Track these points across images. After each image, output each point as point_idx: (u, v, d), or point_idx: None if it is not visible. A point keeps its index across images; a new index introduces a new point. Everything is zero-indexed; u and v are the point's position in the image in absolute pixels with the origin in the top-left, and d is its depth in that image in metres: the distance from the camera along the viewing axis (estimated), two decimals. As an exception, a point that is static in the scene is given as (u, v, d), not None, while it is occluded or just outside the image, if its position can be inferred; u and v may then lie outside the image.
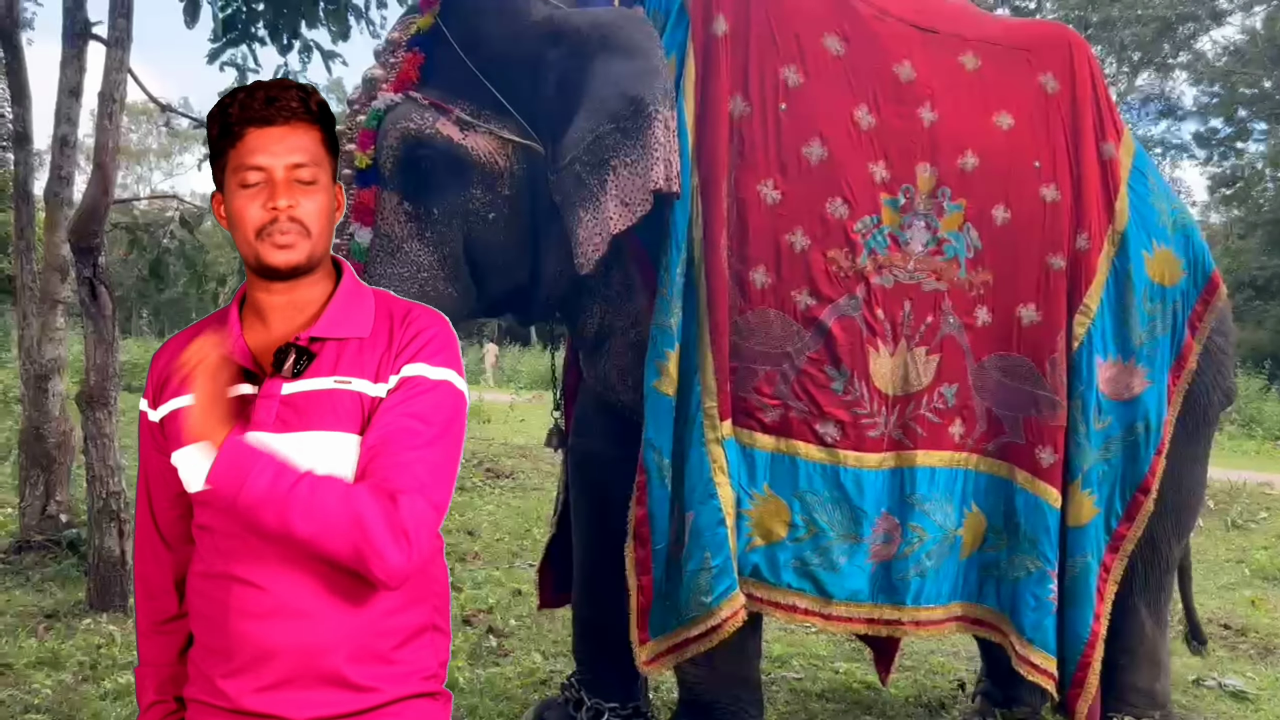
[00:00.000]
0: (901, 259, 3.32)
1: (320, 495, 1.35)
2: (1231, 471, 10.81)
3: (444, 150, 3.05)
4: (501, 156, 3.10)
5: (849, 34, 3.34)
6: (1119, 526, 3.55)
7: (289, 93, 1.44)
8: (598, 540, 3.70)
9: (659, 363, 3.11)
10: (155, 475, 1.58)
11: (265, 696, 1.42)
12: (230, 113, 1.43)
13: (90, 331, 4.99)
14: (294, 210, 1.42)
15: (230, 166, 1.44)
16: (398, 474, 1.39)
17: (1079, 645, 3.46)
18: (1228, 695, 4.79)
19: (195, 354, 1.37)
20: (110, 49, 4.97)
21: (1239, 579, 7.35)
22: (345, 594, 1.43)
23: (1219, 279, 3.75)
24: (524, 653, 4.82)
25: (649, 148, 2.92)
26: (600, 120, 3.00)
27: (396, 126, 3.04)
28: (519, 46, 3.14)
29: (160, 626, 1.61)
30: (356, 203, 3.02)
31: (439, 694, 1.54)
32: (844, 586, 3.25)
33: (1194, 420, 3.73)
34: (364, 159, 3.03)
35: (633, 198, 2.95)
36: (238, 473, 1.34)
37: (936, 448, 3.35)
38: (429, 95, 3.08)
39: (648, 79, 2.98)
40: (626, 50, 3.05)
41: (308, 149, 1.44)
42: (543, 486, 9.41)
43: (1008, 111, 3.50)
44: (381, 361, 1.48)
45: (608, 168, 2.97)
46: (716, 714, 3.36)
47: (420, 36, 3.13)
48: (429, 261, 3.08)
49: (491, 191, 3.11)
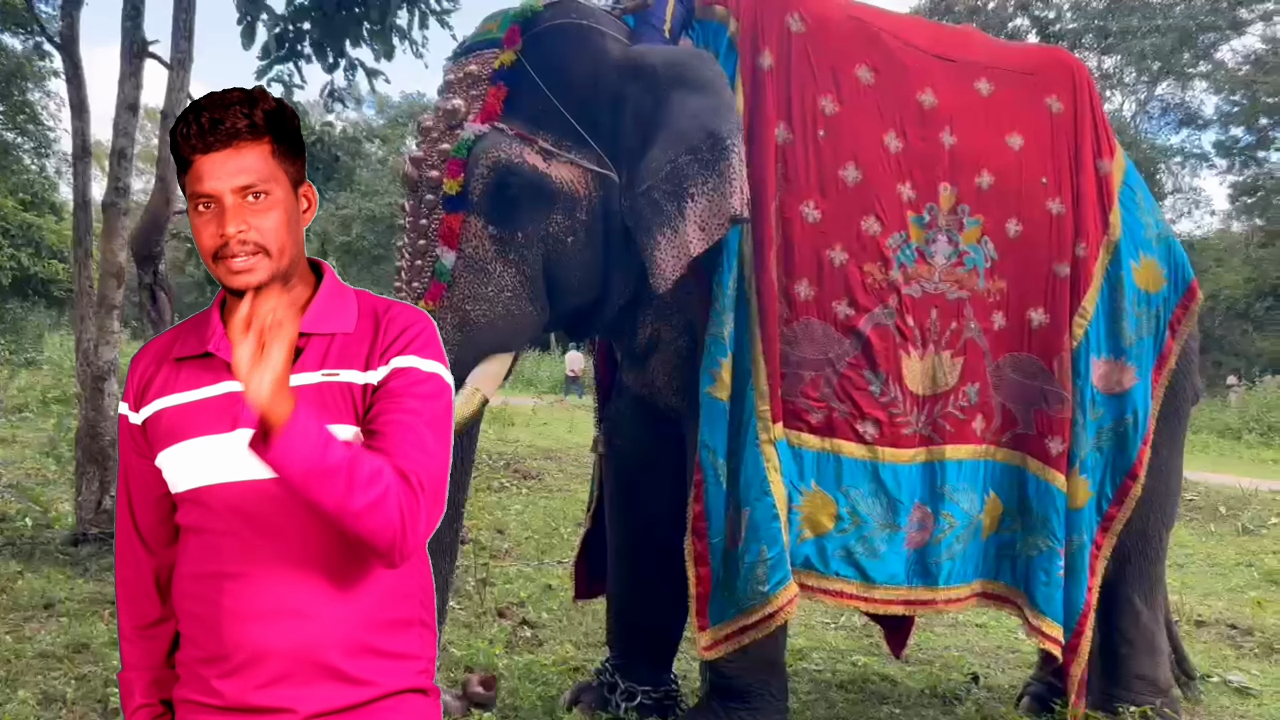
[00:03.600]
0: (928, 271, 3.60)
1: (374, 472, 1.33)
2: (1245, 479, 10.98)
3: (530, 178, 3.27)
4: (581, 185, 3.34)
5: (878, 65, 3.62)
6: (1109, 508, 3.88)
7: (232, 111, 1.40)
8: (633, 534, 3.98)
9: (713, 370, 3.38)
10: (136, 479, 1.55)
11: (265, 692, 1.41)
12: (179, 140, 1.41)
13: (151, 335, 5.27)
14: (246, 234, 1.40)
15: (187, 192, 1.44)
16: (412, 465, 1.39)
17: (1075, 614, 3.76)
18: (1232, 690, 4.97)
19: (266, 313, 1.27)
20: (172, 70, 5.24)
21: (1247, 581, 7.52)
22: (337, 589, 1.43)
23: (1196, 287, 4.11)
24: (557, 643, 5.05)
25: (726, 178, 3.19)
26: (678, 151, 3.25)
27: (487, 156, 3.24)
28: (598, 82, 3.37)
29: (144, 631, 1.58)
30: (444, 227, 3.22)
31: (429, 690, 1.54)
32: (885, 571, 3.54)
33: (1173, 414, 4.06)
34: (454, 185, 3.23)
35: (710, 223, 3.22)
36: (317, 441, 1.29)
37: (962, 441, 3.67)
38: (514, 126, 3.28)
39: (723, 114, 3.26)
40: (701, 87, 3.31)
41: (255, 167, 1.41)
42: (568, 487, 9.66)
43: (1018, 132, 3.80)
44: (369, 353, 1.47)
45: (686, 195, 3.22)
46: (747, 697, 3.59)
47: (503, 71, 3.33)
48: (513, 282, 3.29)
49: (571, 217, 3.34)
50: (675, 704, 4.08)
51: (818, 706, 4.41)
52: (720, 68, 3.43)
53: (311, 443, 1.28)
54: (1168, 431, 4.03)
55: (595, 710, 3.98)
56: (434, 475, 1.42)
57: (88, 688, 3.99)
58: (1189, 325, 4.05)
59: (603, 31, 3.45)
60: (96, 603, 5.16)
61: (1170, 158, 32.69)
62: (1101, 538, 3.87)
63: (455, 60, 3.50)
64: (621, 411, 4.01)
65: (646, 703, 3.98)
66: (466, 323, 3.22)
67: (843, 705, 4.45)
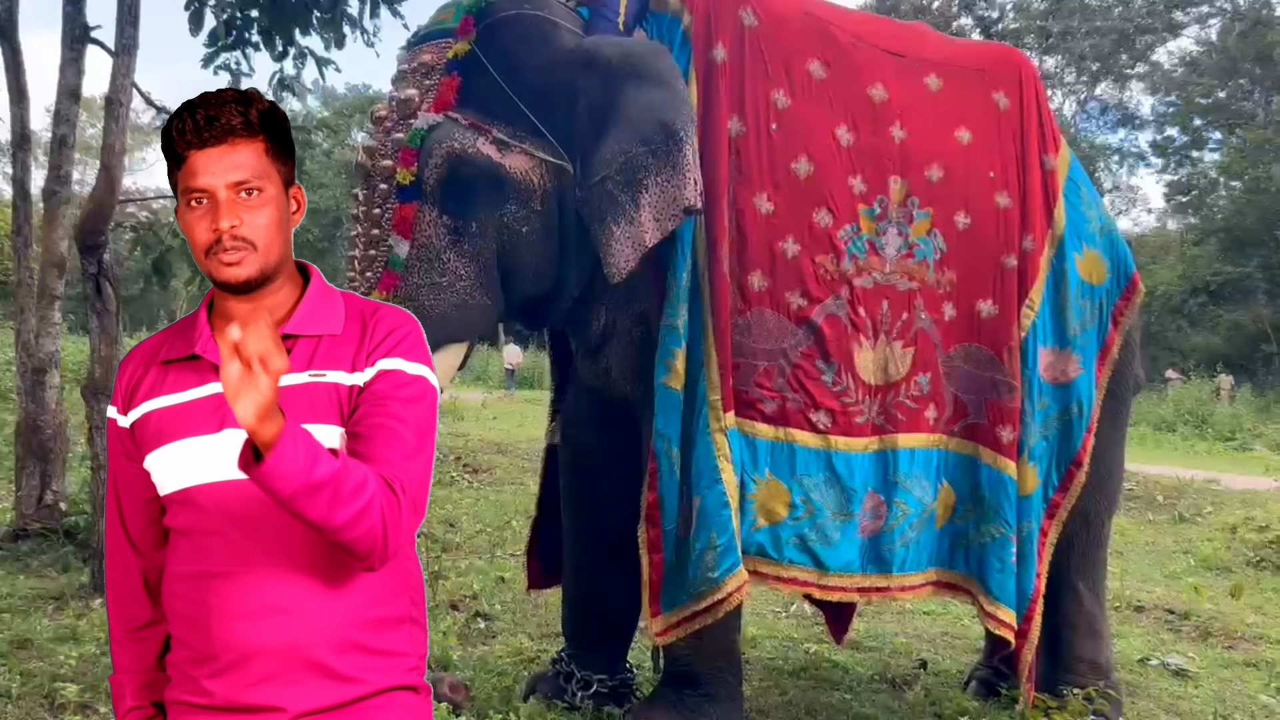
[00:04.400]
0: (879, 263, 3.66)
1: (359, 483, 1.34)
2: (1182, 469, 11.29)
3: (484, 168, 3.29)
4: (535, 174, 3.36)
5: (830, 60, 3.66)
6: (1055, 495, 3.98)
7: (227, 109, 1.42)
8: (588, 524, 3.99)
9: (667, 360, 3.41)
10: (125, 481, 1.56)
11: (254, 691, 1.42)
12: (173, 137, 1.43)
13: (95, 326, 5.18)
14: (239, 229, 1.41)
15: (179, 189, 1.45)
16: (394, 471, 1.40)
17: (1026, 601, 3.84)
18: (1170, 673, 5.11)
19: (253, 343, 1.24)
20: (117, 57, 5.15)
21: (1185, 568, 7.74)
22: (326, 588, 1.43)
23: (1138, 279, 4.22)
24: (511, 634, 5.06)
25: (680, 169, 3.22)
26: (632, 142, 3.28)
27: (440, 146, 3.26)
28: (552, 73, 3.39)
29: (133, 633, 1.58)
30: (397, 217, 3.24)
31: (420, 687, 1.54)
32: (839, 559, 3.59)
33: (1115, 403, 4.16)
34: (408, 175, 3.24)
35: (664, 214, 3.25)
36: (305, 462, 1.28)
37: (915, 430, 3.73)
38: (467, 116, 3.30)
39: (676, 106, 3.29)
40: (654, 79, 3.34)
41: (249, 164, 1.42)
42: (519, 480, 9.65)
43: (967, 127, 3.87)
44: (356, 354, 1.48)
45: (640, 186, 3.25)
46: (701, 684, 3.63)
47: (457, 61, 3.35)
48: (466, 272, 3.31)
49: (525, 207, 3.36)
50: (631, 692, 4.11)
51: (770, 694, 4.46)
52: (673, 60, 3.45)
53: (299, 465, 1.27)
54: (1110, 420, 4.13)
55: (552, 700, 3.99)
56: (416, 481, 1.43)
57: (33, 684, 3.91)
58: (1131, 316, 4.16)
59: (556, 22, 3.47)
60: (40, 599, 5.06)
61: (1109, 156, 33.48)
62: (1048, 524, 3.96)
63: (409, 50, 3.50)
64: (576, 402, 4.02)
65: (602, 691, 4.00)
66: (420, 313, 3.20)
67: (795, 692, 4.50)
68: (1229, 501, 9.80)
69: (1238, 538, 8.33)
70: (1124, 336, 4.13)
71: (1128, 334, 4.16)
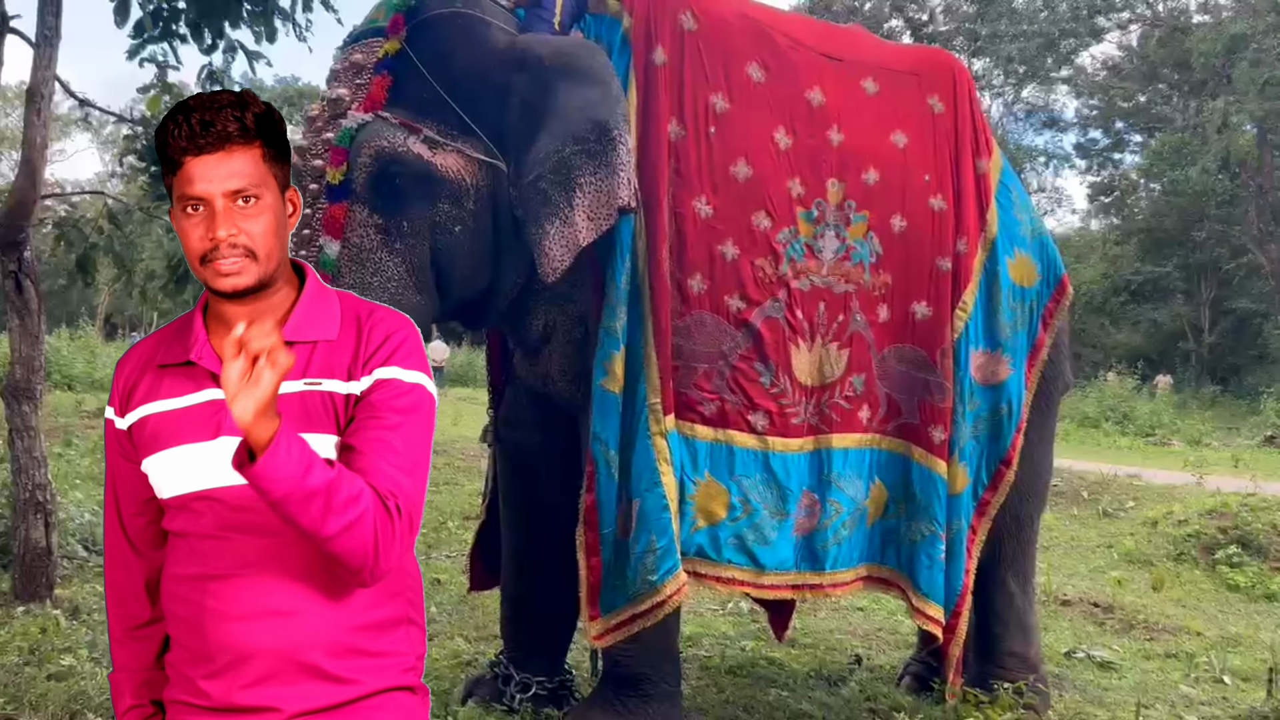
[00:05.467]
0: (816, 265, 3.69)
1: (353, 496, 1.34)
2: (1104, 465, 11.58)
3: (414, 167, 3.25)
4: (468, 173, 3.33)
5: (768, 63, 3.68)
6: (984, 494, 4.06)
7: (223, 114, 1.40)
8: (527, 525, 3.98)
9: (606, 363, 3.40)
10: (123, 482, 1.56)
11: (250, 692, 1.42)
12: (167, 141, 1.41)
13: (16, 325, 5.01)
14: (236, 237, 1.40)
15: (174, 194, 1.43)
16: (390, 486, 1.40)
17: (954, 597, 3.92)
18: (1095, 665, 5.26)
19: (258, 341, 1.27)
20: (38, 47, 5.00)
21: (1108, 562, 7.97)
22: (322, 591, 1.43)
23: (1068, 282, 4.32)
24: (448, 637, 5.01)
25: (614, 168, 3.22)
26: (565, 141, 3.27)
27: (369, 145, 3.22)
28: (484, 71, 3.37)
29: (133, 632, 1.59)
30: (326, 217, 3.19)
31: (417, 688, 1.54)
32: (774, 557, 3.62)
33: (1044, 404, 4.26)
34: (336, 175, 3.20)
35: (598, 214, 3.25)
36: (298, 466, 1.29)
37: (849, 430, 3.77)
38: (398, 115, 3.27)
39: (610, 105, 3.28)
40: (587, 77, 3.33)
41: (246, 172, 1.40)
42: (454, 480, 9.56)
43: (902, 130, 3.92)
44: (352, 362, 1.47)
45: (574, 186, 3.25)
46: (640, 685, 3.63)
47: (388, 60, 3.32)
48: (398, 272, 3.27)
49: (458, 206, 3.34)
50: (570, 694, 4.10)
51: (708, 692, 4.49)
52: (606, 58, 3.45)
53: (292, 468, 1.29)
54: (1039, 420, 4.22)
55: (490, 703, 3.97)
56: (411, 497, 1.42)
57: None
58: (1060, 318, 4.25)
59: (487, 21, 3.45)
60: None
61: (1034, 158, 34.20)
62: (978, 522, 4.04)
63: (343, 50, 3.47)
64: (515, 403, 4.00)
65: (541, 694, 3.98)
66: None
67: (732, 690, 4.53)
68: (1150, 496, 10.07)
69: (1158, 531, 8.57)
70: (1053, 338, 4.23)
71: (1057, 335, 4.25)
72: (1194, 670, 5.28)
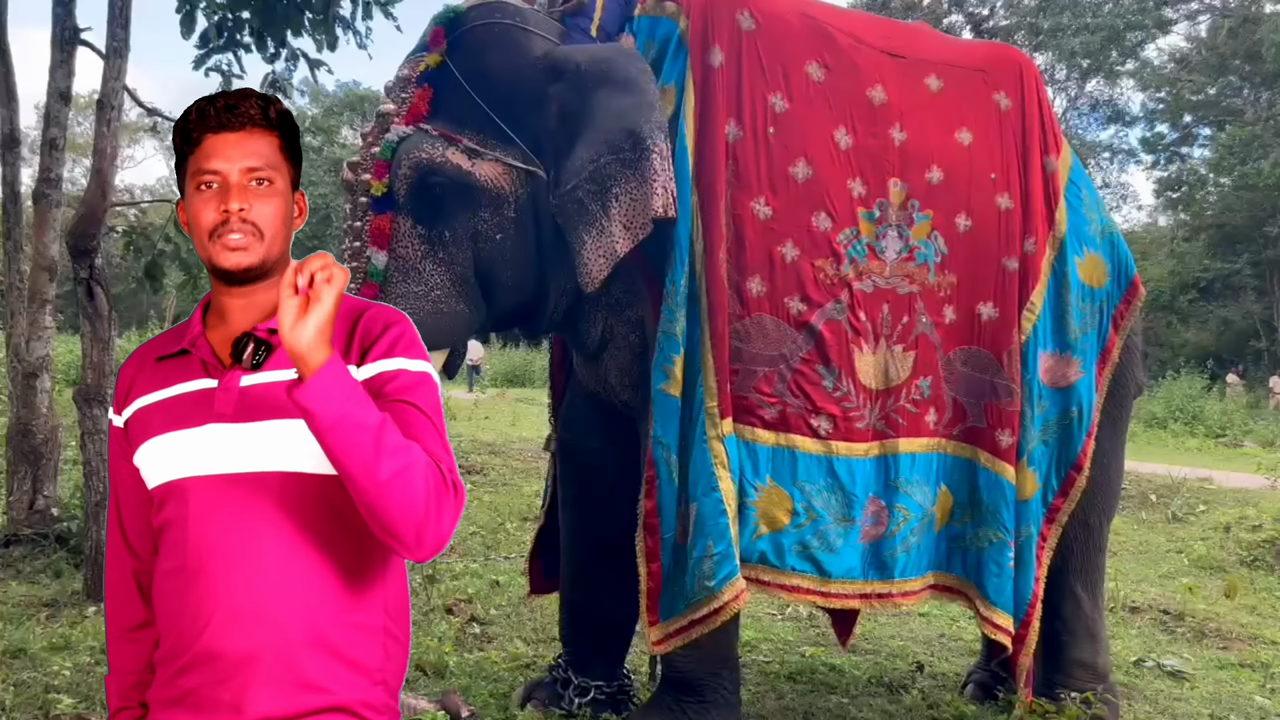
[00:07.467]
0: (879, 266, 3.64)
1: (404, 444, 1.33)
2: (1174, 467, 11.28)
3: (454, 177, 3.32)
4: (507, 182, 3.38)
5: (829, 62, 3.64)
6: (1054, 500, 3.96)
7: (248, 101, 1.46)
8: (586, 529, 3.98)
9: (665, 367, 3.39)
10: (122, 484, 1.58)
11: (219, 688, 1.41)
12: (190, 120, 1.45)
13: (87, 331, 5.15)
14: (247, 213, 1.42)
15: (189, 171, 1.46)
16: (439, 455, 1.39)
17: (1024, 605, 3.83)
18: (1166, 675, 5.12)
19: (317, 261, 1.31)
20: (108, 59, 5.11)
21: (1178, 568, 7.76)
22: (299, 587, 1.43)
23: (1139, 282, 4.20)
24: (507, 639, 5.03)
25: (647, 178, 3.22)
26: (600, 150, 3.29)
27: (409, 157, 3.30)
28: (522, 80, 3.41)
29: (127, 634, 1.60)
30: (373, 228, 3.29)
31: (383, 709, 1.49)
32: (841, 565, 3.57)
33: (1115, 407, 4.15)
34: (380, 187, 3.29)
35: (634, 223, 3.26)
36: (353, 391, 1.30)
37: (915, 435, 3.71)
38: (438, 127, 3.35)
39: (644, 113, 3.27)
40: (624, 85, 3.33)
41: (264, 154, 1.45)
42: (512, 481, 9.61)
43: (967, 128, 3.84)
44: (345, 355, 1.46)
45: (610, 195, 3.27)
46: (699, 691, 3.61)
47: (429, 73, 3.40)
48: (442, 281, 3.35)
49: (499, 215, 3.39)
50: (628, 699, 4.09)
51: (767, 698, 4.45)
52: (645, 65, 3.44)
53: (345, 393, 1.29)
54: (1110, 424, 4.11)
55: (548, 707, 3.97)
56: (455, 471, 1.42)
57: (28, 694, 3.87)
58: (1131, 320, 4.14)
59: (527, 31, 3.48)
60: (32, 606, 5.02)
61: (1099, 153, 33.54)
62: (1047, 529, 3.94)
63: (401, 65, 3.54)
64: (575, 408, 4.01)
65: (600, 698, 3.98)
66: None
67: (792, 696, 4.49)
68: (1222, 500, 9.81)
69: (1231, 537, 8.33)
70: (1124, 340, 4.11)
71: (1128, 337, 4.14)
72: (1269, 680, 5.13)
